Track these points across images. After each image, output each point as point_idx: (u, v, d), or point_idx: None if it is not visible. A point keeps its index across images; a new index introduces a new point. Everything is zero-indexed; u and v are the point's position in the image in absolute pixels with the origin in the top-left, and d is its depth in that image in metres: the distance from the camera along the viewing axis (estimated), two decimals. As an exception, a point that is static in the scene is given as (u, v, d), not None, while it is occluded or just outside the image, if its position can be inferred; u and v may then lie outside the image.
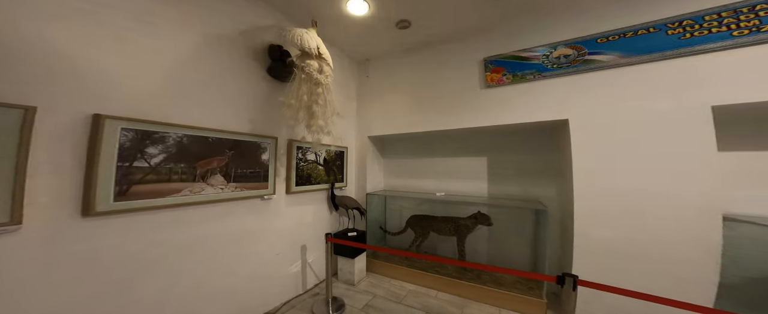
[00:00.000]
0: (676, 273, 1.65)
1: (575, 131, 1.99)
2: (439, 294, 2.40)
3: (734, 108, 1.59)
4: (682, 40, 1.65)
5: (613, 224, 1.81)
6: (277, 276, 2.15)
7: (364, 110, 3.11)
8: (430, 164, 3.11)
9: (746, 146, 1.81)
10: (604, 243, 1.84)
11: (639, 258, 1.74)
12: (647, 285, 1.70)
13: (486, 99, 2.40)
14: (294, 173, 2.20)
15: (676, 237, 1.65)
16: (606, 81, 1.88)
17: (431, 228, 2.70)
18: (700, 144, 1.61)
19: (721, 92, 1.56)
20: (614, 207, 1.81)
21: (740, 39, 1.51)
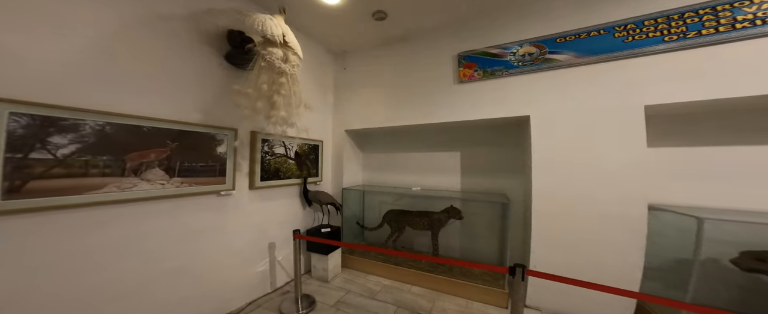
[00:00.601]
0: (611, 259, 1.68)
1: (535, 127, 1.92)
2: (412, 288, 2.23)
3: (663, 107, 1.62)
4: (626, 43, 1.65)
5: (564, 215, 1.79)
6: (241, 276, 1.89)
7: (341, 103, 2.85)
8: (407, 158, 2.91)
9: (671, 143, 1.86)
10: (558, 234, 1.82)
11: (584, 246, 1.74)
12: (590, 271, 1.74)
13: (459, 94, 2.24)
14: (259, 168, 1.93)
15: (612, 226, 1.67)
16: (562, 79, 1.84)
17: (407, 223, 2.51)
18: (633, 140, 1.63)
19: (653, 93, 1.57)
20: (566, 200, 1.79)
21: (670, 44, 1.53)
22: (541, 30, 1.92)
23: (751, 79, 1.39)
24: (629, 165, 1.64)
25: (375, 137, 3.11)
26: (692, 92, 1.50)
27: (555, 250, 1.84)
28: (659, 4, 1.57)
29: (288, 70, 1.67)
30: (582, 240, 1.75)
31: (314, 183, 2.57)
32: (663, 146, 1.87)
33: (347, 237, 2.80)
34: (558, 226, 1.82)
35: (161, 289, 1.43)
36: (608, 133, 1.69)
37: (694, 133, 1.80)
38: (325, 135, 2.75)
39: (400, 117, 2.49)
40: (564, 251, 1.81)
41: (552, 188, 1.84)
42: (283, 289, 2.20)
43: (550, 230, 1.84)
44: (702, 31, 1.47)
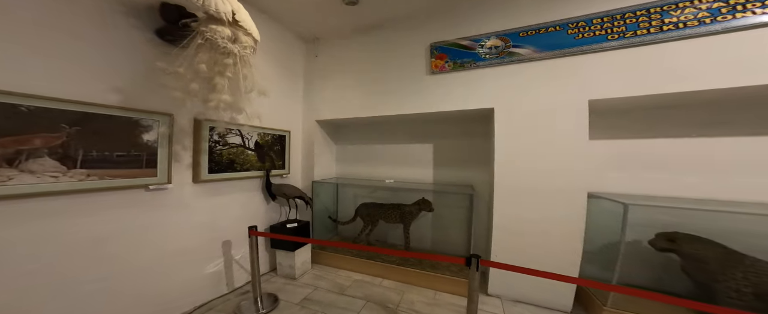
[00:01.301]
0: (558, 245, 1.65)
1: (498, 120, 1.80)
2: (383, 282, 2.04)
3: (604, 102, 1.59)
4: (576, 40, 1.59)
5: (521, 205, 1.73)
6: (186, 279, 1.57)
7: (313, 92, 2.52)
8: (381, 150, 2.67)
9: (611, 135, 1.84)
10: (516, 223, 1.75)
11: (538, 233, 1.70)
12: (542, 257, 1.69)
13: (430, 85, 2.04)
14: (205, 159, 1.60)
15: (559, 214, 1.64)
16: (524, 73, 1.74)
17: (380, 216, 2.30)
18: (578, 133, 1.60)
19: (596, 88, 1.54)
20: (523, 190, 1.73)
21: (612, 42, 1.51)
22: (506, 23, 1.79)
23: (678, 77, 1.38)
24: (573, 156, 1.61)
25: (349, 129, 2.83)
26: (629, 88, 1.47)
27: (514, 239, 1.77)
28: (605, 4, 1.53)
29: (237, 51, 1.36)
30: (536, 228, 1.69)
31: (280, 176, 2.25)
32: (604, 138, 1.85)
33: (319, 232, 2.52)
34: (516, 215, 1.75)
35: (62, 300, 1.09)
36: (558, 126, 1.64)
37: (632, 126, 1.79)
38: (293, 125, 2.42)
39: (372, 108, 2.24)
40: (521, 239, 1.75)
41: (512, 180, 1.76)
42: (243, 289, 1.91)
43: (510, 219, 1.76)
44: (637, 32, 1.46)
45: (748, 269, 1.28)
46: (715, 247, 1.37)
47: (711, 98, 1.49)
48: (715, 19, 1.32)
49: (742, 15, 1.28)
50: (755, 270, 1.26)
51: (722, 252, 1.35)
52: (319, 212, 2.52)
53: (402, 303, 1.76)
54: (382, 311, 1.69)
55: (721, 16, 1.31)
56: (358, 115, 2.32)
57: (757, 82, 1.26)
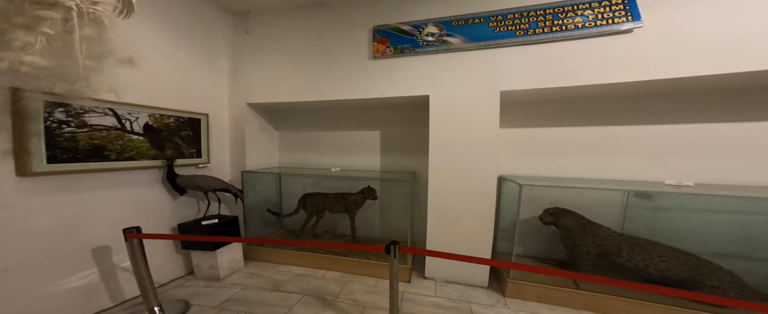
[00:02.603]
0: (475, 226, 1.58)
1: (433, 107, 1.61)
2: (327, 274, 1.74)
3: (514, 93, 1.53)
4: (495, 33, 1.47)
5: (450, 190, 1.60)
6: (23, 301, 1.01)
7: (243, 72, 1.95)
8: (328, 138, 2.28)
9: (521, 124, 1.80)
10: (447, 207, 1.62)
11: (463, 216, 1.60)
12: (465, 239, 1.58)
13: (372, 70, 1.71)
14: (40, 144, 1.00)
15: (476, 197, 1.56)
16: (454, 62, 1.56)
17: (324, 207, 1.96)
18: (490, 121, 1.52)
19: (507, 80, 1.47)
20: (451, 175, 1.59)
21: (520, 38, 1.44)
22: (442, 10, 1.58)
23: (569, 72, 1.35)
24: (486, 143, 1.53)
25: (292, 114, 2.34)
26: (530, 81, 1.42)
27: (445, 222, 1.64)
28: (516, 1, 1.44)
29: (70, 3, 0.79)
30: (461, 212, 1.59)
31: (195, 166, 1.69)
32: (516, 126, 1.80)
33: (256, 227, 2.07)
34: (447, 201, 1.61)
35: None
36: (477, 114, 1.53)
37: (539, 116, 1.76)
38: (213, 108, 1.83)
39: (313, 92, 1.81)
40: (451, 223, 1.62)
41: (443, 166, 1.61)
42: (137, 300, 1.40)
43: (442, 204, 1.62)
44: (536, 30, 1.40)
45: (595, 234, 1.37)
46: (577, 218, 1.44)
47: (597, 92, 1.50)
48: (595, 24, 1.31)
49: (609, 23, 1.28)
50: (599, 235, 1.37)
51: (581, 222, 1.42)
52: (257, 205, 2.05)
53: (342, 294, 1.51)
54: (318, 304, 1.41)
55: (595, 22, 1.31)
56: (298, 99, 1.86)
57: (625, 79, 1.28)
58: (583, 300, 1.32)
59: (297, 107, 2.15)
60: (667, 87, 1.37)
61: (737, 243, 1.34)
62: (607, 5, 1.28)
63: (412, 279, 1.71)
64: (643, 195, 1.48)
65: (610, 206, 1.55)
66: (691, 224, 1.41)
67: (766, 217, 1.30)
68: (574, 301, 1.34)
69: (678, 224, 1.43)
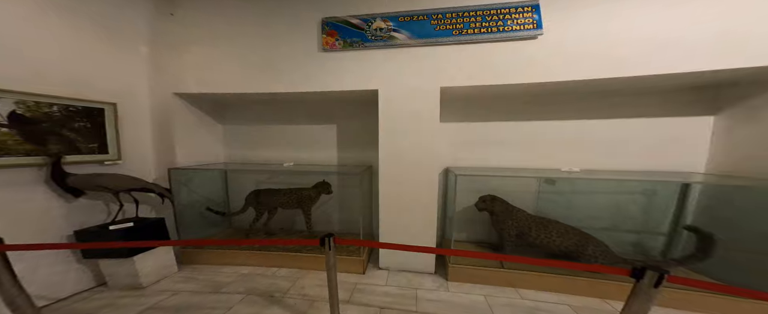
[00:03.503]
0: (421, 215, 1.63)
1: (382, 101, 1.63)
2: (279, 271, 1.68)
3: (454, 90, 1.59)
4: (436, 30, 1.52)
5: (398, 182, 1.64)
6: None
7: (168, 58, 1.72)
8: (282, 131, 2.16)
9: (460, 119, 1.90)
10: (396, 199, 1.66)
11: (410, 207, 1.65)
12: (413, 229, 1.66)
13: (322, 63, 1.65)
14: None
15: (421, 188, 1.62)
16: (401, 57, 1.58)
17: (276, 203, 1.86)
18: (432, 116, 1.57)
19: (446, 77, 1.52)
20: (399, 168, 1.63)
21: (457, 37, 1.50)
22: (389, 6, 1.58)
23: (498, 72, 1.46)
24: (429, 137, 1.59)
25: (240, 107, 2.16)
26: (466, 78, 1.49)
27: (395, 214, 1.69)
28: (454, 1, 1.50)
29: None
30: (409, 203, 1.65)
31: (99, 163, 1.45)
32: (458, 121, 1.90)
33: (194, 228, 1.88)
34: (396, 192, 1.67)
35: None
36: (420, 110, 1.58)
37: (478, 111, 1.87)
38: (126, 97, 1.58)
39: (255, 83, 1.69)
40: (400, 214, 1.68)
41: (391, 159, 1.65)
42: None
43: (392, 196, 1.67)
44: (468, 30, 1.47)
45: (514, 217, 1.57)
46: (502, 203, 1.61)
47: (519, 90, 1.62)
48: (513, 29, 1.42)
49: (522, 29, 1.42)
50: (517, 217, 1.56)
51: (505, 207, 1.60)
52: (196, 205, 1.87)
53: (292, 290, 1.48)
54: (262, 302, 1.35)
55: (512, 27, 1.43)
56: (239, 90, 1.71)
57: (533, 80, 1.42)
58: (507, 278, 1.51)
59: (245, 99, 1.99)
60: (567, 88, 1.55)
61: (612, 218, 1.66)
62: (521, 12, 1.42)
63: (367, 270, 1.75)
64: (550, 181, 1.73)
65: (530, 192, 1.78)
66: (581, 204, 1.70)
67: (630, 195, 1.64)
68: (500, 279, 1.51)
69: (571, 204, 1.71)
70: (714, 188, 1.44)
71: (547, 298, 1.37)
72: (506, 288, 1.49)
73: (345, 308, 1.32)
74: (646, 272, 0.72)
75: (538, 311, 1.27)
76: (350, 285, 1.56)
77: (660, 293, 0.73)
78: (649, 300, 0.74)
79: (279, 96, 1.84)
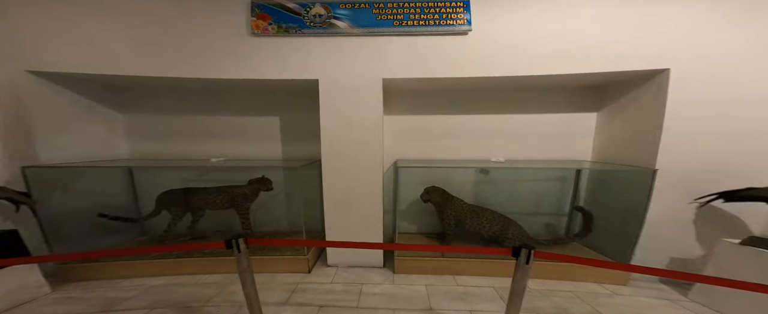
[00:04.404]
0: (368, 210, 1.60)
1: (322, 93, 1.53)
2: (206, 278, 1.47)
3: (394, 81, 1.57)
4: (378, 20, 1.47)
5: (343, 177, 1.58)
6: None
7: (17, 22, 1.30)
8: (208, 123, 1.88)
9: (405, 111, 1.88)
10: (342, 193, 1.60)
11: (355, 202, 1.60)
12: (359, 225, 1.61)
13: (253, 48, 1.46)
14: None
15: (365, 182, 1.59)
16: (341, 47, 1.51)
17: (199, 204, 1.60)
18: (376, 108, 1.53)
19: (388, 68, 1.47)
20: (343, 162, 1.58)
21: (397, 28, 1.46)
22: None
23: (436, 65, 1.47)
24: (373, 129, 1.55)
25: (146, 94, 1.80)
26: (405, 70, 1.48)
27: (340, 209, 1.62)
28: None
29: None
30: (354, 197, 1.60)
31: None
32: (405, 114, 1.87)
33: (79, 238, 1.52)
34: (340, 187, 1.60)
35: None
36: (364, 101, 1.54)
37: (422, 104, 1.86)
38: None
39: (158, 65, 1.41)
40: (345, 209, 1.62)
41: (335, 152, 1.58)
42: None
43: (336, 191, 1.60)
44: (408, 22, 1.45)
45: (453, 206, 1.64)
46: (443, 193, 1.67)
47: (458, 84, 1.64)
48: (447, 23, 1.43)
49: (455, 23, 1.43)
50: (455, 207, 1.64)
51: (446, 197, 1.66)
52: (83, 211, 1.50)
53: (217, 297, 1.31)
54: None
55: (447, 21, 1.44)
56: (135, 73, 1.41)
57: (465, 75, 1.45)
58: (448, 266, 1.58)
59: (150, 85, 1.65)
60: (493, 83, 1.60)
61: (531, 202, 1.89)
62: (454, 7, 1.44)
63: (315, 268, 1.66)
64: (484, 171, 1.88)
65: (470, 182, 1.90)
66: (507, 191, 1.88)
67: (545, 182, 1.88)
68: (442, 268, 1.58)
69: (500, 192, 1.88)
70: (593, 173, 1.75)
71: (478, 283, 1.47)
72: (446, 276, 1.56)
73: (280, 310, 1.23)
74: (521, 251, 0.81)
75: (468, 295, 1.36)
76: (291, 286, 1.46)
77: (531, 268, 0.83)
78: (526, 275, 0.84)
79: (193, 83, 1.58)
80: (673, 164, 1.33)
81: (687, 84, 1.30)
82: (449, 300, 1.33)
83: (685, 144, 1.32)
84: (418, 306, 1.29)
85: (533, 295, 1.36)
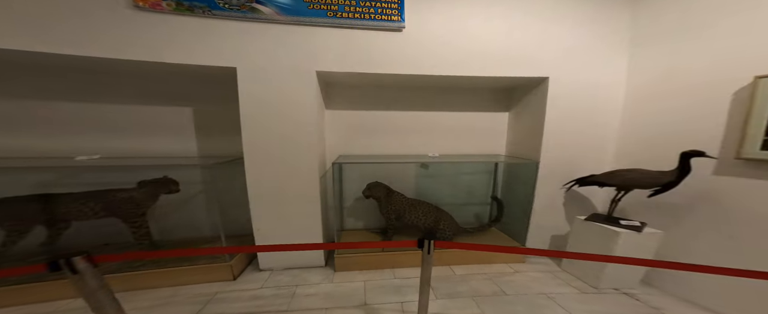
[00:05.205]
0: (303, 208, 1.54)
1: (242, 82, 1.38)
2: (69, 303, 1.22)
3: (329, 75, 1.51)
4: (309, 9, 1.37)
5: (273, 176, 1.48)
6: None
7: None
8: (82, 111, 1.52)
9: (344, 106, 1.81)
10: (271, 193, 1.50)
11: (289, 202, 1.52)
12: (297, 225, 1.52)
13: (138, 25, 1.20)
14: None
15: (301, 179, 1.51)
16: (267, 35, 1.36)
17: (60, 213, 1.29)
18: (312, 102, 1.45)
19: (322, 60, 1.41)
20: (272, 159, 1.47)
21: (331, 19, 1.38)
22: None
23: (373, 60, 1.44)
24: (308, 124, 1.46)
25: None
26: (343, 64, 1.42)
27: (272, 210, 1.52)
28: None
29: None
30: (288, 196, 1.51)
31: None
32: (338, 109, 1.81)
33: None
34: (270, 186, 1.49)
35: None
36: (297, 94, 1.43)
37: (366, 100, 1.81)
38: None
39: (16, 36, 1.08)
40: (278, 209, 1.52)
41: (261, 149, 1.45)
42: None
43: (265, 191, 1.48)
44: (343, 13, 1.37)
45: (393, 201, 1.69)
46: (385, 189, 1.70)
47: (398, 81, 1.63)
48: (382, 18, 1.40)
49: (389, 19, 1.42)
50: (395, 201, 1.69)
51: (387, 192, 1.69)
52: None
53: None
54: None
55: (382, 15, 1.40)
56: None
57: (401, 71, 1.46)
58: (389, 260, 1.62)
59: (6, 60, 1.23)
60: (427, 81, 1.61)
61: (464, 194, 2.06)
62: (388, 1, 1.40)
63: (242, 274, 1.54)
64: (424, 166, 1.97)
65: (412, 177, 1.97)
66: (443, 185, 2.01)
67: (474, 175, 2.06)
68: (383, 262, 1.62)
69: (437, 185, 1.99)
70: (505, 166, 1.98)
71: (415, 274, 1.54)
72: (386, 270, 1.61)
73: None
74: (423, 242, 0.87)
75: (403, 287, 1.42)
76: (205, 297, 1.33)
77: (432, 257, 0.89)
78: (430, 263, 0.91)
79: (59, 60, 1.24)
80: (550, 158, 1.60)
81: (558, 91, 1.55)
82: (384, 294, 1.38)
83: (557, 140, 1.60)
84: (353, 302, 1.31)
85: (455, 281, 1.50)
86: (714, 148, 1.21)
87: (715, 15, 1.24)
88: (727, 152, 1.18)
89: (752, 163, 1.09)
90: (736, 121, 1.14)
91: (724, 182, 1.20)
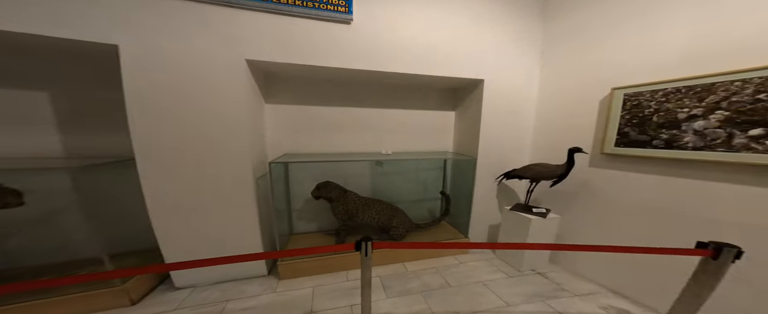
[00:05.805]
0: (234, 214, 1.37)
1: (127, 64, 1.12)
2: None
3: (266, 65, 1.37)
4: None
5: (179, 178, 1.27)
6: None
7: None
8: None
9: (290, 101, 1.68)
10: (177, 199, 1.28)
11: (205, 210, 1.33)
12: (231, 234, 1.32)
13: None
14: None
15: (227, 182, 1.33)
16: (169, 8, 1.14)
17: None
18: (244, 94, 1.28)
19: (252, 49, 1.25)
20: (186, 159, 1.26)
21: (264, 4, 1.23)
22: None
23: (316, 52, 1.34)
24: (239, 120, 1.28)
25: None
26: (280, 54, 1.29)
27: (185, 220, 1.30)
28: None
29: None
30: (206, 203, 1.32)
31: None
32: (282, 103, 1.65)
33: None
34: (181, 192, 1.27)
35: None
36: (221, 84, 1.24)
37: (313, 94, 1.71)
38: None
39: None
40: (195, 219, 1.31)
41: (166, 146, 1.22)
42: None
43: (168, 195, 1.26)
44: None
45: (345, 200, 1.63)
46: (337, 188, 1.63)
47: (345, 75, 1.54)
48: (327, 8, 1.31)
49: (335, 9, 1.32)
50: (348, 200, 1.63)
51: (340, 192, 1.62)
52: None
53: None
54: None
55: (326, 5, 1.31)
56: None
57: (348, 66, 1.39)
58: (338, 262, 1.52)
59: None
60: (376, 77, 1.57)
61: (417, 191, 2.12)
62: None
63: (149, 296, 1.28)
64: (378, 164, 1.95)
65: (366, 175, 1.92)
66: (397, 182, 2.03)
67: (427, 171, 2.12)
68: (334, 265, 1.53)
69: (391, 183, 2.00)
70: (451, 163, 2.10)
71: None
72: (339, 273, 1.53)
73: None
74: (361, 244, 0.83)
75: (355, 290, 1.37)
76: None
77: (370, 259, 0.86)
78: (369, 266, 0.88)
79: None
80: (486, 154, 1.75)
81: (492, 91, 1.66)
82: (334, 299, 1.30)
83: (491, 138, 1.74)
84: (298, 311, 1.20)
85: (408, 277, 1.51)
86: (589, 145, 1.46)
87: (600, 22, 1.37)
88: (596, 148, 1.42)
89: (610, 157, 1.35)
90: (602, 121, 1.40)
91: (594, 173, 1.44)
